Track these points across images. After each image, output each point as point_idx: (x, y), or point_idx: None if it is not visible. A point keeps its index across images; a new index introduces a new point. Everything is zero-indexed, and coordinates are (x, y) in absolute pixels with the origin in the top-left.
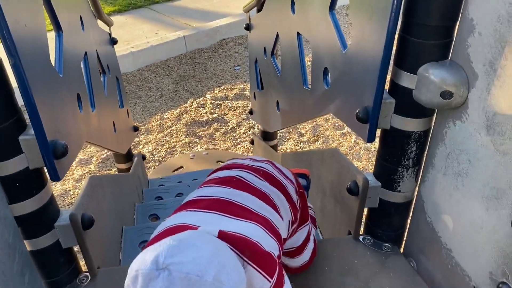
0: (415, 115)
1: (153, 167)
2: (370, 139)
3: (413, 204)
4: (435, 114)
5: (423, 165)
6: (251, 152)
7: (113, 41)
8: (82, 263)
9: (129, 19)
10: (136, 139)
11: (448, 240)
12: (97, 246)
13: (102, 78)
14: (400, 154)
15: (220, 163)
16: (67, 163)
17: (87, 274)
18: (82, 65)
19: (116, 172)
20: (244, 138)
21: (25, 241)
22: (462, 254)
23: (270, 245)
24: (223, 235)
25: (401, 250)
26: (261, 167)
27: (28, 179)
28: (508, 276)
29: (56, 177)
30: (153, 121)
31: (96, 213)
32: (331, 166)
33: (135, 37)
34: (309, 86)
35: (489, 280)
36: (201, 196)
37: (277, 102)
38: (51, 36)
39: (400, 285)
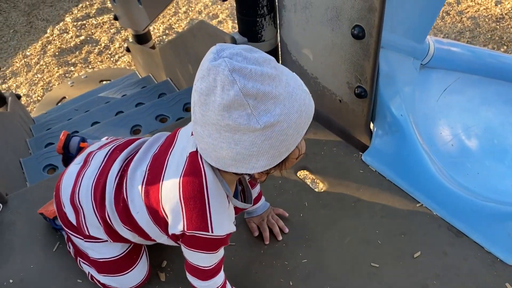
0: None
1: (34, 109)
2: None
3: (279, 49)
4: None
5: (277, 10)
6: (133, 66)
7: None
8: None
9: None
10: (5, 85)
11: (312, 69)
12: None
13: None
14: (254, 5)
15: (105, 82)
16: None
17: None
18: None
19: None
20: (122, 53)
21: None
22: (325, 77)
23: None
24: None
25: None
26: None
27: None
28: (360, 79)
29: None
30: (17, 62)
31: None
32: (202, 39)
33: None
34: None
35: (348, 89)
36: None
37: None
38: None
39: None
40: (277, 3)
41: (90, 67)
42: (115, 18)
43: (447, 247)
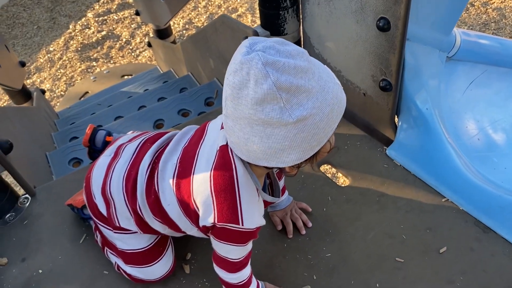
0: None
1: (58, 104)
2: None
3: (302, 42)
4: None
5: (300, 3)
6: (154, 61)
7: None
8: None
9: None
10: (29, 80)
11: (336, 63)
12: (26, 169)
13: None
14: None
15: (126, 76)
16: None
17: (26, 195)
18: None
19: None
20: (142, 48)
21: None
22: (349, 70)
23: None
24: None
25: None
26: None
27: None
28: (384, 72)
29: None
30: (40, 57)
31: (12, 138)
32: (224, 33)
33: None
34: None
35: (373, 82)
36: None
37: None
38: None
39: None
40: None
41: (111, 62)
42: (137, 14)
43: (474, 243)
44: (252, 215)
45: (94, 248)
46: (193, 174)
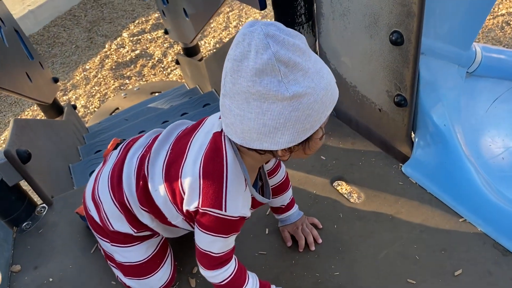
0: None
1: (90, 119)
2: (262, 6)
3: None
4: None
5: (315, 19)
6: (184, 79)
7: None
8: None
9: None
10: (65, 97)
11: (351, 78)
12: (45, 179)
13: None
14: (292, 13)
15: (155, 93)
16: None
17: (43, 205)
18: None
19: None
20: (174, 66)
21: None
22: (364, 85)
23: None
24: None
25: None
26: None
27: None
28: (399, 87)
29: None
30: (77, 75)
31: (32, 149)
32: None
33: None
34: None
35: (388, 97)
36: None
37: (184, 9)
38: None
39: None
40: (315, 11)
41: (143, 80)
42: (166, 32)
43: (492, 266)
44: (236, 202)
45: (104, 259)
46: (185, 159)
